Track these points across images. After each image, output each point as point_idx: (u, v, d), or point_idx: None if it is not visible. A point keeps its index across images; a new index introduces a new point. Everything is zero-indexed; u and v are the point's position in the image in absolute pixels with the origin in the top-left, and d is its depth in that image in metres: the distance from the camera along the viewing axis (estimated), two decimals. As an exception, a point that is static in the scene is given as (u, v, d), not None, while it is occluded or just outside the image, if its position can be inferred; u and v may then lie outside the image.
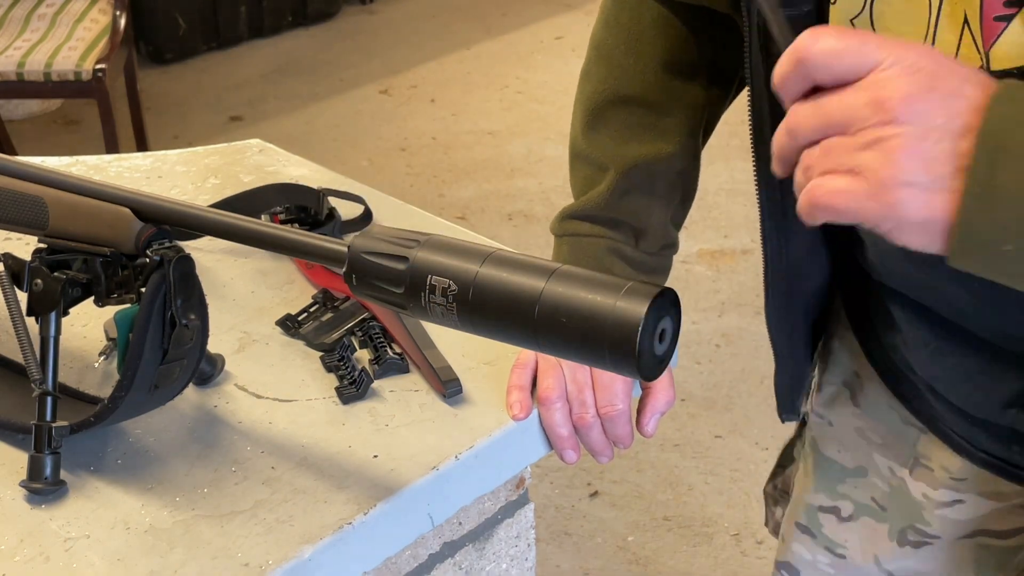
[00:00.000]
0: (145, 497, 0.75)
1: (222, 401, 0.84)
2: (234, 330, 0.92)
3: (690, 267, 2.86)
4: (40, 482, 0.74)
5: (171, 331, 0.73)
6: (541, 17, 4.40)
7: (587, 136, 0.96)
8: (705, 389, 2.45)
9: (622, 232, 0.92)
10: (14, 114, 3.54)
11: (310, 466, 0.78)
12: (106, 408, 0.75)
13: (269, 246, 0.69)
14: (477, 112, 3.71)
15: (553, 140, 3.48)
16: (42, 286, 0.76)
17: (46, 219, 0.76)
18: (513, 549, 0.93)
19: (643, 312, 0.56)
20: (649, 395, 0.89)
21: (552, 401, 0.83)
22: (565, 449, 0.85)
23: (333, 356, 0.88)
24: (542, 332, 0.59)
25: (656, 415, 0.89)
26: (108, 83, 2.70)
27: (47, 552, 0.71)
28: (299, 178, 1.15)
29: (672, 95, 0.92)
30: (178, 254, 0.73)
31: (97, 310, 0.78)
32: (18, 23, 2.88)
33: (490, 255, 0.61)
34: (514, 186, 3.26)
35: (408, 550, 0.84)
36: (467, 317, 0.61)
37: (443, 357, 0.86)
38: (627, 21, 0.93)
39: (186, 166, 1.18)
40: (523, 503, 0.92)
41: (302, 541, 0.72)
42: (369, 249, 0.63)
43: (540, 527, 2.08)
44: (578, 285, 0.58)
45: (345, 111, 3.73)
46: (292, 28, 4.29)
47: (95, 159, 1.19)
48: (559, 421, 0.84)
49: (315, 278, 0.96)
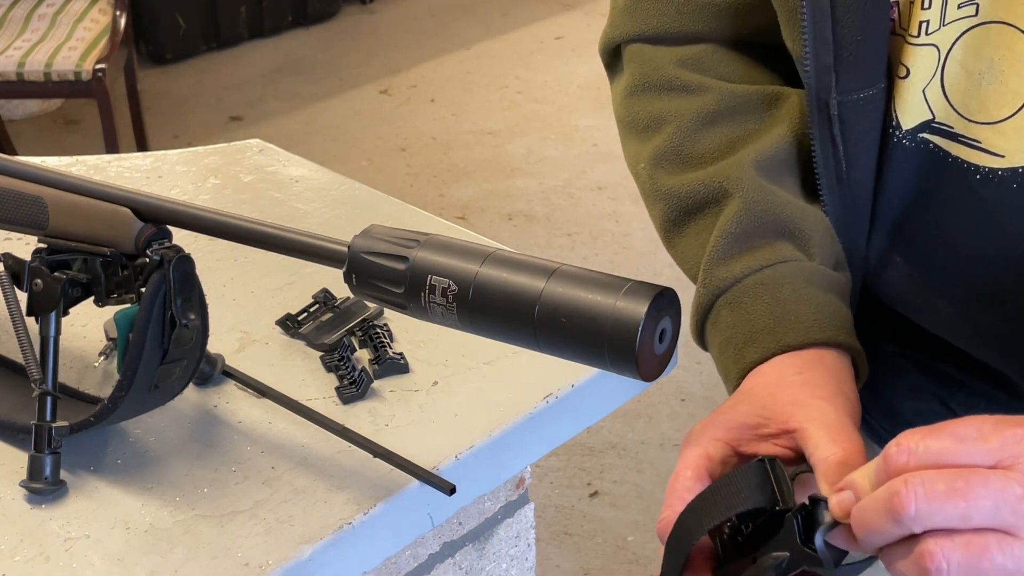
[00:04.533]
0: (145, 497, 0.75)
1: (222, 401, 0.84)
2: (234, 330, 0.92)
3: (690, 267, 2.85)
4: (40, 482, 0.74)
5: (171, 331, 0.73)
6: (541, 17, 4.40)
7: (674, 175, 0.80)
8: (705, 389, 2.45)
9: (793, 244, 0.75)
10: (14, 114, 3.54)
11: (310, 466, 0.78)
12: (106, 408, 0.75)
13: (269, 246, 0.69)
14: (477, 112, 3.71)
15: (553, 140, 3.48)
16: (42, 286, 0.76)
17: (46, 219, 0.76)
18: (513, 549, 0.93)
19: (643, 312, 0.56)
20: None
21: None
22: None
23: (333, 356, 0.88)
24: (542, 332, 0.59)
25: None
26: (108, 83, 2.70)
27: (47, 552, 0.71)
28: (299, 178, 1.15)
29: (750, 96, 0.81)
30: (178, 254, 0.73)
31: (97, 310, 0.78)
32: (18, 23, 2.88)
33: (490, 255, 0.61)
34: (514, 186, 3.26)
35: (408, 550, 0.84)
36: (467, 317, 0.61)
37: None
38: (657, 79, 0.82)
39: (186, 166, 1.18)
40: (523, 503, 0.92)
41: (302, 541, 0.72)
42: (369, 249, 0.63)
43: (540, 527, 2.08)
44: (578, 285, 0.58)
45: (345, 111, 3.73)
46: (292, 28, 4.29)
47: (95, 159, 1.19)
48: None
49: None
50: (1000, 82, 0.67)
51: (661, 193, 0.81)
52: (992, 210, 0.71)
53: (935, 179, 0.74)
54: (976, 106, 0.69)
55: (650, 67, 0.84)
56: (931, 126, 0.73)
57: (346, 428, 0.79)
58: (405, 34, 4.29)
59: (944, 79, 0.70)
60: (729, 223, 0.75)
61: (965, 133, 0.71)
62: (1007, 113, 0.68)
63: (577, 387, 0.86)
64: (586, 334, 0.57)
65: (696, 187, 0.78)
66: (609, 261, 2.85)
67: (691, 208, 0.79)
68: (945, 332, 0.80)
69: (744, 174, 0.76)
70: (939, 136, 0.73)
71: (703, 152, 0.80)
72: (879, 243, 0.80)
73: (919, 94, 0.71)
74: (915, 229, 0.78)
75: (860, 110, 0.73)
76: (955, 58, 0.69)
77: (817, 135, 0.74)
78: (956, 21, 0.68)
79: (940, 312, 0.79)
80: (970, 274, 0.76)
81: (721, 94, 0.80)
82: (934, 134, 0.73)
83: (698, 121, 0.80)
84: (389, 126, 3.63)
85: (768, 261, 0.74)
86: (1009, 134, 0.69)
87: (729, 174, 0.77)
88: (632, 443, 2.33)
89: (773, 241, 0.75)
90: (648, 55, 0.84)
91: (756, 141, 0.78)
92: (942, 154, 0.73)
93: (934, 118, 0.72)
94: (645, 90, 0.84)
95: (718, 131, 0.80)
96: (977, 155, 0.71)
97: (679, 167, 0.80)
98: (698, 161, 0.80)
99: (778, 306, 0.71)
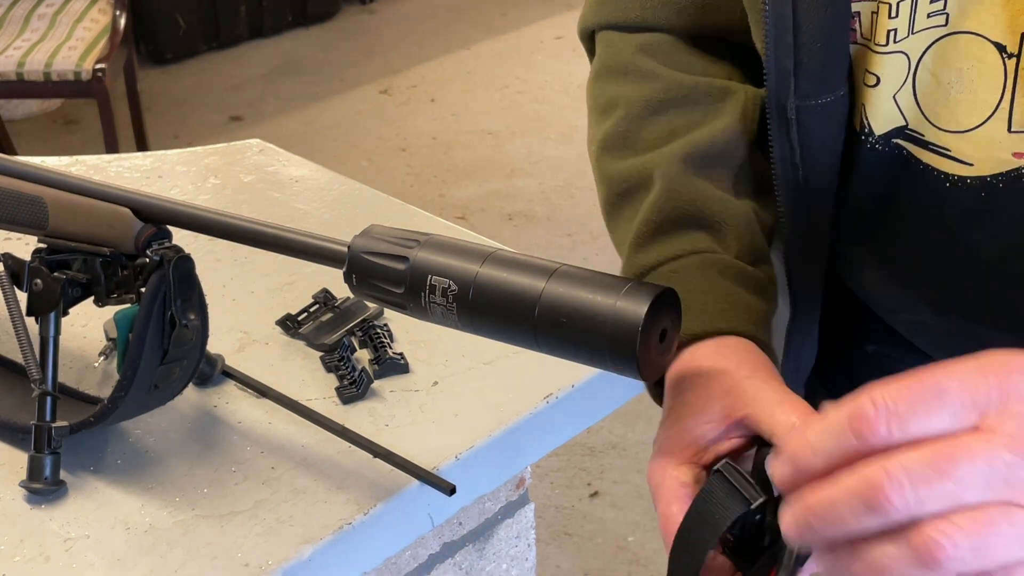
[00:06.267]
0: (145, 497, 0.75)
1: (222, 401, 0.84)
2: (234, 330, 0.92)
3: (690, 267, 2.85)
4: (40, 482, 0.74)
5: (171, 331, 0.73)
6: (541, 17, 4.41)
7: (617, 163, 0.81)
8: (705, 389, 2.45)
9: (706, 233, 0.75)
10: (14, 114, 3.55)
11: (310, 466, 0.78)
12: (106, 408, 0.75)
13: (269, 246, 0.69)
14: (477, 112, 3.71)
15: (553, 140, 3.48)
16: (42, 286, 0.76)
17: (46, 219, 0.76)
18: (513, 549, 0.93)
19: (643, 312, 0.56)
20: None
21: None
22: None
23: (333, 356, 0.88)
24: (542, 332, 0.59)
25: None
26: (108, 83, 2.70)
27: (47, 552, 0.71)
28: (299, 178, 1.15)
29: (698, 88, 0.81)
30: (178, 254, 0.73)
31: (97, 310, 0.78)
32: (18, 23, 2.88)
33: (490, 255, 0.61)
34: (514, 186, 3.26)
35: (408, 550, 0.84)
36: (467, 317, 0.61)
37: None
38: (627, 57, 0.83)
39: (186, 166, 1.18)
40: (523, 503, 0.92)
41: (302, 541, 0.72)
42: (369, 249, 0.63)
43: (540, 527, 2.08)
44: (578, 285, 0.58)
45: (345, 111, 3.73)
46: (292, 28, 4.29)
47: (95, 159, 1.19)
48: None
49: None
50: (969, 91, 0.68)
51: (603, 176, 0.83)
52: (961, 217, 0.72)
53: (906, 185, 0.74)
54: (946, 114, 0.70)
55: (613, 51, 0.86)
56: (904, 132, 0.73)
57: (346, 428, 0.79)
58: (405, 34, 4.29)
59: (916, 86, 0.70)
60: (649, 211, 0.76)
61: (935, 141, 0.71)
62: (976, 122, 0.68)
63: (577, 387, 0.86)
64: (586, 334, 0.57)
65: (631, 173, 0.80)
66: (609, 261, 2.85)
67: (624, 192, 0.80)
68: (919, 336, 0.81)
69: (671, 163, 0.77)
70: (910, 143, 0.73)
71: (645, 139, 0.81)
72: (853, 246, 0.81)
73: (890, 100, 0.72)
74: (887, 233, 0.78)
75: (819, 115, 0.73)
76: (926, 66, 0.69)
77: (776, 138, 0.75)
78: (926, 30, 0.68)
79: (916, 314, 0.79)
80: (942, 279, 0.76)
81: (670, 84, 0.82)
82: (906, 140, 0.73)
83: (645, 108, 0.82)
84: (389, 126, 3.64)
85: (682, 251, 0.74)
86: (977, 143, 0.69)
87: (659, 162, 0.78)
88: (632, 443, 2.33)
89: (690, 231, 0.75)
90: (614, 40, 0.86)
91: (694, 132, 0.79)
92: (913, 161, 0.73)
93: (907, 124, 0.72)
94: (606, 74, 0.86)
95: (662, 120, 0.81)
96: (947, 163, 0.71)
97: (621, 152, 0.82)
98: (640, 147, 0.81)
99: (686, 296, 0.67)
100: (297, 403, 0.82)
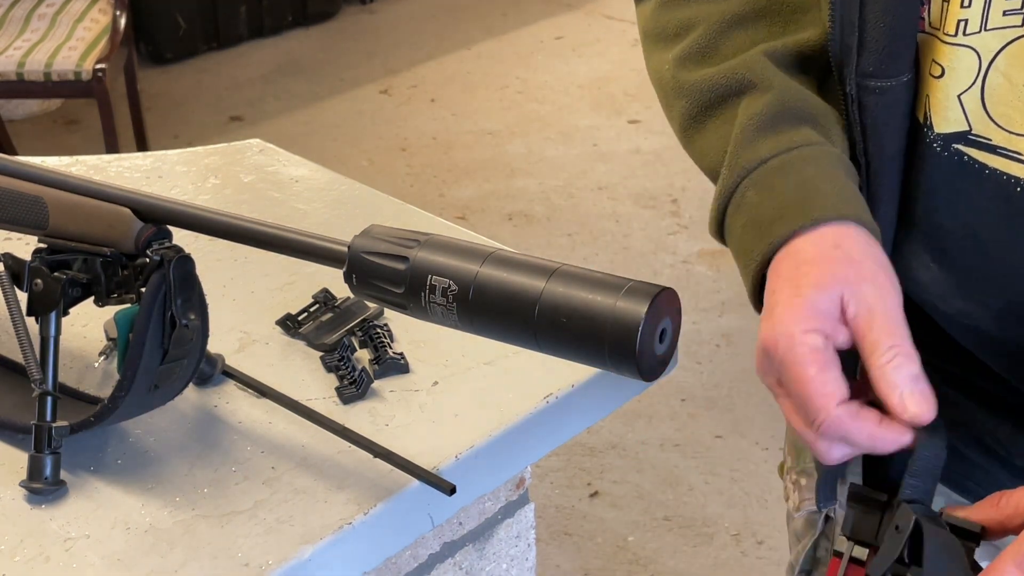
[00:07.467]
0: (145, 497, 0.75)
1: (222, 401, 0.84)
2: (234, 330, 0.92)
3: (690, 267, 2.86)
4: (40, 482, 0.74)
5: (171, 331, 0.73)
6: (541, 17, 4.40)
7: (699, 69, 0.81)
8: (705, 389, 2.45)
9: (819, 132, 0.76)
10: (14, 114, 3.54)
11: (310, 466, 0.78)
12: (106, 408, 0.75)
13: (269, 246, 0.69)
14: (477, 112, 3.71)
15: (553, 140, 3.48)
16: (42, 286, 0.76)
17: (46, 219, 0.76)
18: (513, 549, 0.93)
19: (643, 312, 0.56)
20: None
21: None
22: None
23: (333, 356, 0.88)
24: (542, 332, 0.59)
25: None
26: (108, 83, 2.70)
27: (47, 552, 0.71)
28: (299, 178, 1.15)
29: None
30: (178, 254, 0.73)
31: (97, 310, 0.78)
32: (18, 23, 2.88)
33: (490, 255, 0.61)
34: (514, 186, 3.26)
35: (408, 550, 0.84)
36: (467, 317, 0.61)
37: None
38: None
39: (186, 166, 1.18)
40: (523, 503, 0.92)
41: (302, 541, 0.72)
42: (369, 249, 0.63)
43: (540, 527, 2.08)
44: (578, 285, 0.58)
45: (345, 111, 3.73)
46: (292, 28, 4.29)
47: (95, 159, 1.19)
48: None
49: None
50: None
51: (683, 90, 0.82)
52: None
53: (969, 190, 0.73)
54: (1020, 118, 0.68)
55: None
56: (967, 138, 0.71)
57: (346, 428, 0.79)
58: (405, 34, 4.29)
59: (985, 88, 0.69)
60: (759, 109, 0.76)
61: (1005, 145, 0.70)
62: None
63: (577, 387, 0.86)
64: (586, 334, 0.57)
65: (718, 80, 0.79)
66: (609, 261, 2.86)
67: (712, 101, 0.80)
68: (974, 343, 0.79)
69: (765, 65, 0.78)
70: (975, 148, 0.71)
71: (728, 49, 0.81)
72: (910, 243, 0.79)
73: (954, 99, 0.70)
74: (947, 235, 0.76)
75: (880, 99, 0.72)
76: (998, 68, 0.68)
77: (845, 118, 0.75)
78: (1000, 29, 0.67)
79: (973, 320, 0.77)
80: (1007, 286, 0.74)
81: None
82: (969, 146, 0.72)
83: (725, 23, 0.81)
84: (389, 126, 3.64)
85: (794, 143, 0.75)
86: None
87: (752, 66, 0.78)
88: (632, 443, 2.33)
89: (798, 126, 0.76)
90: None
91: (777, 40, 0.79)
92: (978, 166, 0.71)
93: (971, 130, 0.71)
94: (675, 1, 0.85)
95: (741, 33, 0.81)
96: (1018, 167, 0.70)
97: (703, 64, 0.81)
98: (723, 57, 0.81)
99: (806, 183, 0.71)
100: (297, 403, 0.82)
